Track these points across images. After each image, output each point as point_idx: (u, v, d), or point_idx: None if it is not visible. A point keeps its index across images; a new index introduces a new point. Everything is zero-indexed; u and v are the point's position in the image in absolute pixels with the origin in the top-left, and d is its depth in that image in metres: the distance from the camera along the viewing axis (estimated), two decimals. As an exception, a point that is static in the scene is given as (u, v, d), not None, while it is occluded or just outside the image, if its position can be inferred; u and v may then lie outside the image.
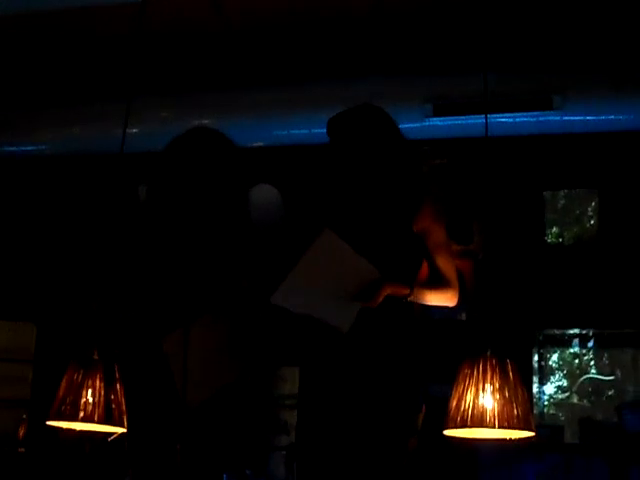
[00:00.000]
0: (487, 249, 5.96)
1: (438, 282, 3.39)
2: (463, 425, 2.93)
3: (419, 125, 5.77)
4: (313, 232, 3.26)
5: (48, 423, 3.44)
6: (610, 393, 6.56)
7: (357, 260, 3.20)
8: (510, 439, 3.00)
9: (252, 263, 3.77)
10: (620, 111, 5.52)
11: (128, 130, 3.89)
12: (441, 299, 3.40)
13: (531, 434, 2.94)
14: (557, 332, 6.48)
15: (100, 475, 5.66)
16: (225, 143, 3.78)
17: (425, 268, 3.44)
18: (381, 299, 3.23)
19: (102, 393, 3.43)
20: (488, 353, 2.96)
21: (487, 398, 2.94)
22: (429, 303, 3.39)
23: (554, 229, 6.67)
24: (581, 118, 5.58)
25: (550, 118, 5.59)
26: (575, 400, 6.43)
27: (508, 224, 6.18)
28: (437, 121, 5.79)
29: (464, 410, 2.94)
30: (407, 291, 3.29)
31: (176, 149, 3.78)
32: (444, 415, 2.99)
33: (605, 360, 6.63)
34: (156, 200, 3.79)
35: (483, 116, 4.87)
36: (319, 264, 3.19)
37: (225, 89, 5.98)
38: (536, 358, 6.34)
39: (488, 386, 2.95)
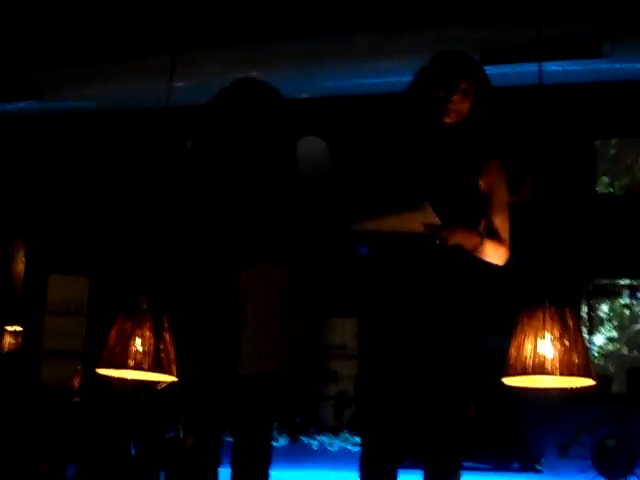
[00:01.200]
0: (537, 199, 5.90)
1: (494, 238, 3.40)
2: (524, 372, 2.95)
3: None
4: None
5: (98, 371, 3.51)
6: (661, 344, 6.49)
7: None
8: (570, 388, 3.01)
9: (300, 214, 3.79)
10: (671, 58, 5.43)
11: (175, 84, 3.91)
12: (493, 256, 3.42)
13: (592, 382, 2.95)
14: (607, 282, 6.42)
15: (154, 423, 5.77)
16: (272, 94, 3.79)
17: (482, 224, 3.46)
18: (454, 239, 3.24)
19: (151, 342, 3.50)
20: (547, 302, 2.97)
21: (547, 346, 2.96)
22: (482, 257, 3.41)
23: (604, 179, 6.59)
24: (630, 66, 5.50)
25: (599, 66, 5.51)
26: (625, 351, 6.38)
27: (558, 174, 6.12)
28: (486, 69, 5.72)
29: (525, 358, 2.96)
30: (478, 239, 3.30)
31: (223, 100, 3.79)
32: (496, 366, 3.01)
33: (656, 311, 6.56)
34: (203, 151, 3.81)
35: (531, 64, 4.83)
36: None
37: (270, 41, 5.96)
38: (585, 309, 6.29)
39: (548, 335, 2.97)
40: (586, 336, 6.23)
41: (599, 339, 6.47)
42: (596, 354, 6.35)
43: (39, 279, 7.24)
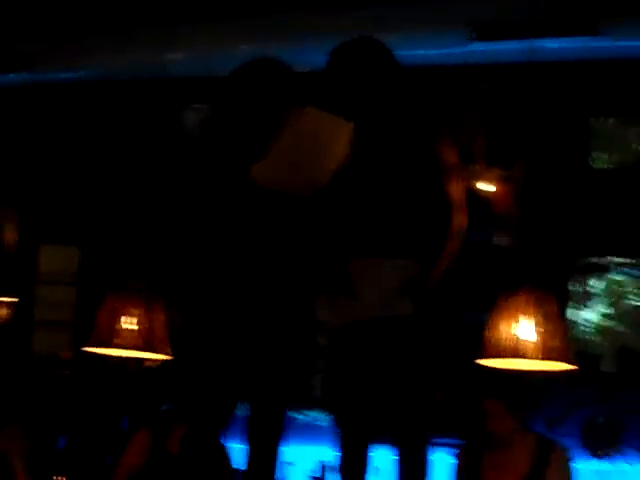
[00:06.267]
0: (530, 174, 5.88)
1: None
2: (499, 355, 2.93)
3: (461, 50, 5.70)
4: None
5: (86, 349, 3.49)
6: (651, 321, 6.49)
7: None
8: (545, 371, 2.99)
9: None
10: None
11: (172, 56, 3.86)
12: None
13: (571, 367, 2.93)
14: (599, 259, 6.41)
15: (141, 397, 5.76)
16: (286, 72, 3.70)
17: None
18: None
19: (142, 320, 3.47)
20: (529, 285, 2.95)
21: (528, 330, 2.93)
22: None
23: (599, 155, 6.56)
24: (626, 44, 5.48)
25: (595, 44, 5.49)
26: (615, 328, 6.38)
27: (552, 150, 6.09)
28: (480, 45, 5.70)
29: (503, 340, 2.93)
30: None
31: (240, 77, 3.67)
32: (478, 341, 2.99)
33: (648, 288, 6.55)
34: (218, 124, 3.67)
35: (526, 41, 4.81)
36: None
37: (268, 13, 5.87)
38: (577, 285, 6.28)
39: (528, 318, 2.94)
40: (576, 312, 6.23)
41: (590, 315, 6.47)
42: (585, 330, 6.35)
43: (30, 249, 7.22)
